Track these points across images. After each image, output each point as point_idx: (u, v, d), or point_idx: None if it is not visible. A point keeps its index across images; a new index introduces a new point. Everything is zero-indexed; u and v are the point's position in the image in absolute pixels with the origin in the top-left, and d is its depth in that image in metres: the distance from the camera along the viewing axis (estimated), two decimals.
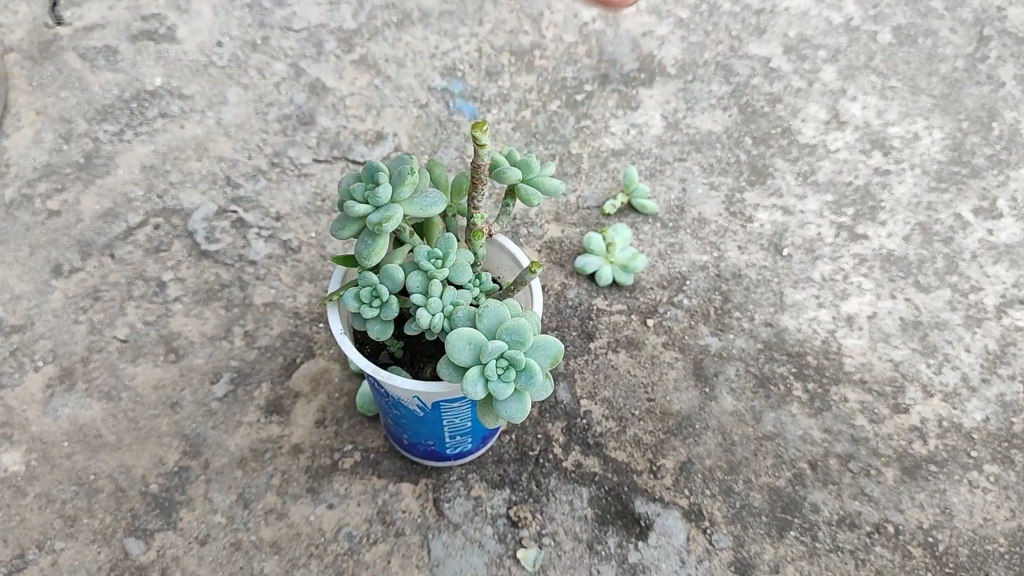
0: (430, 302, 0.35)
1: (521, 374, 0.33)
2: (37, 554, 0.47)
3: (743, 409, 0.51)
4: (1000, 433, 0.51)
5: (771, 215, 0.57)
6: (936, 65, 0.63)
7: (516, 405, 0.33)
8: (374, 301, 0.36)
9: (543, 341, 0.33)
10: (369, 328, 0.37)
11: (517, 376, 0.33)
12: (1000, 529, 0.48)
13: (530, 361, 0.33)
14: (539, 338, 0.33)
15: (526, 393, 0.33)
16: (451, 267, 0.36)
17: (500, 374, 0.33)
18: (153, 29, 0.63)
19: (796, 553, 0.47)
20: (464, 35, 0.63)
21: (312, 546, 0.47)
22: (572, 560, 0.47)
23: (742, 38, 0.63)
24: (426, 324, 0.35)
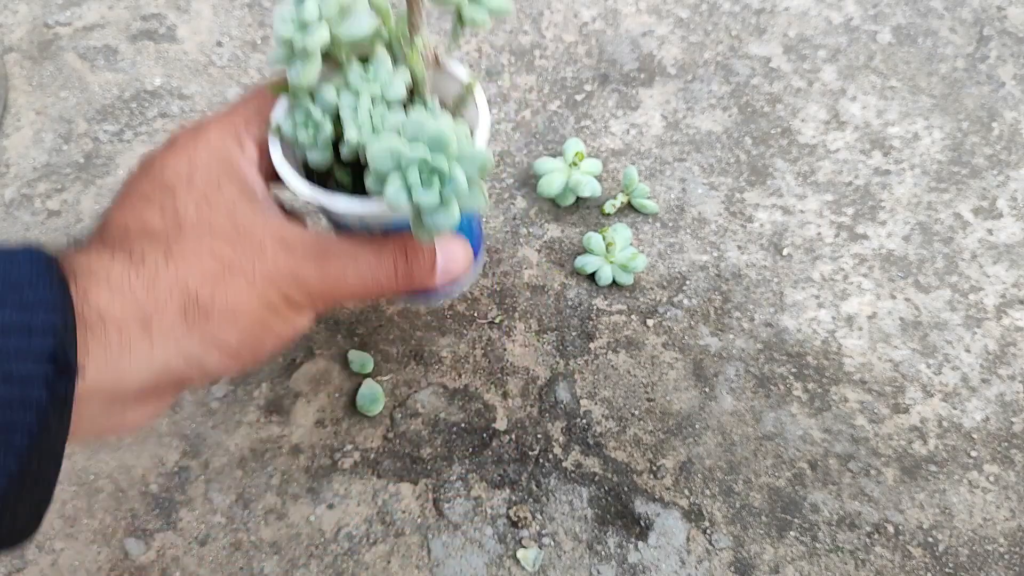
0: (358, 115, 0.34)
1: (445, 181, 0.31)
2: (37, 554, 0.47)
3: (743, 409, 0.51)
4: (1000, 433, 0.51)
5: (771, 215, 0.57)
6: (936, 65, 0.63)
7: (443, 215, 0.32)
8: (308, 124, 0.35)
9: (470, 150, 0.32)
10: (309, 156, 0.36)
11: (442, 184, 0.32)
12: (1000, 529, 0.48)
13: (453, 166, 0.31)
14: (466, 147, 0.32)
15: (453, 202, 0.32)
16: (382, 83, 0.35)
17: (426, 182, 0.32)
18: (153, 29, 0.63)
19: (796, 553, 0.47)
20: (464, 35, 0.63)
21: (312, 546, 0.47)
22: (572, 560, 0.47)
23: (742, 38, 0.63)
24: (354, 139, 0.34)
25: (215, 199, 0.33)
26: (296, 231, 0.34)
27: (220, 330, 0.31)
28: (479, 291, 0.54)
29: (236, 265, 0.32)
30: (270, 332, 0.33)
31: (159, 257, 0.31)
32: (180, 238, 0.32)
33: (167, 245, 0.31)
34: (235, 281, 0.32)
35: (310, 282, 0.33)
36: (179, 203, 0.33)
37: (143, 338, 0.30)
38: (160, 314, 0.30)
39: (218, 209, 0.33)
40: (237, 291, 0.32)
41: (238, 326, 0.32)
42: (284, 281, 0.33)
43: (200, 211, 0.33)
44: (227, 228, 0.33)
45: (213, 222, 0.33)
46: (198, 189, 0.33)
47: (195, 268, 0.31)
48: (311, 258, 0.34)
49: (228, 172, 0.34)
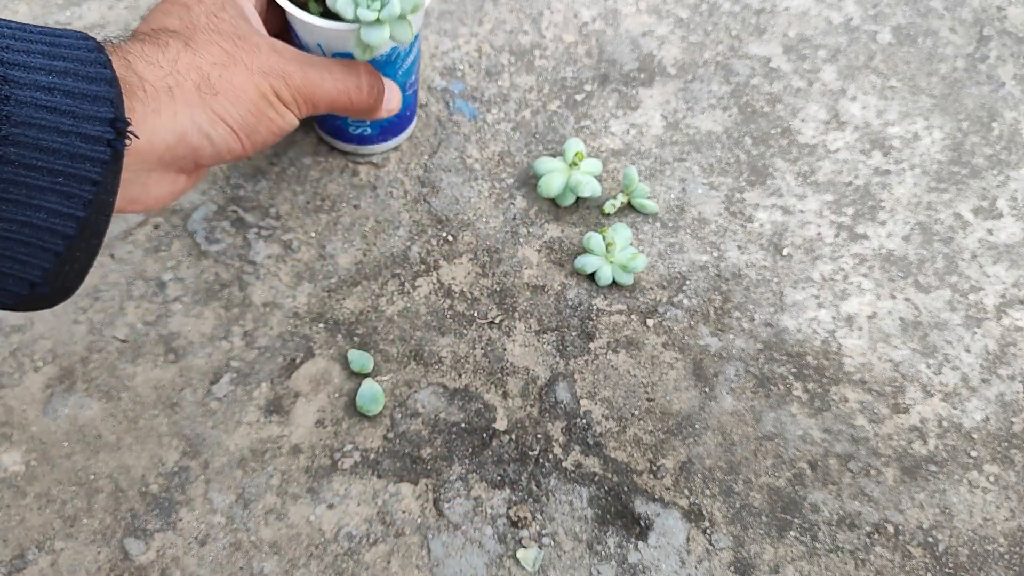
0: None
1: (384, 6, 0.41)
2: (37, 554, 0.47)
3: (743, 409, 0.51)
4: (1000, 433, 0.51)
5: (771, 215, 0.57)
6: (936, 65, 0.63)
7: (375, 32, 0.42)
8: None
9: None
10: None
11: (381, 7, 0.41)
12: (1000, 529, 0.48)
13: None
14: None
15: (386, 24, 0.42)
16: None
17: (368, 3, 0.42)
18: None
19: (796, 553, 0.47)
20: (464, 35, 0.63)
21: (312, 546, 0.47)
22: (572, 560, 0.47)
23: (742, 38, 0.63)
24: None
25: (221, 14, 0.42)
26: (284, 43, 0.43)
27: (225, 106, 0.39)
28: (479, 291, 0.54)
29: (238, 57, 0.40)
30: (264, 117, 0.41)
31: (180, 45, 0.39)
32: (194, 35, 0.40)
33: (186, 38, 0.39)
34: (237, 68, 0.40)
35: (295, 79, 0.42)
36: (192, 14, 0.41)
37: (169, 103, 0.37)
38: (181, 86, 0.37)
39: (224, 20, 0.42)
40: (239, 75, 0.40)
41: (239, 104, 0.40)
42: (274, 75, 0.41)
43: (210, 19, 0.41)
44: (231, 32, 0.41)
45: (220, 27, 0.41)
46: (207, 6, 0.42)
47: (206, 55, 0.39)
48: (296, 62, 0.42)
49: (230, 1, 0.43)
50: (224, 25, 0.42)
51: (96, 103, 0.32)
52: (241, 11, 0.44)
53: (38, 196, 0.31)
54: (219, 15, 0.42)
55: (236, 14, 0.43)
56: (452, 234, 0.56)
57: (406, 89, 0.52)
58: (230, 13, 0.43)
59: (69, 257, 0.33)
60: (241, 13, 0.43)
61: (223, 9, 0.43)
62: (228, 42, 0.40)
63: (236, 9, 0.43)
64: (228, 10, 0.43)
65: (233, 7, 0.43)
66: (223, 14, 0.42)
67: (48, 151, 0.30)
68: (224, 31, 0.41)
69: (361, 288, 0.54)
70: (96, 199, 0.32)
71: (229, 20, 0.42)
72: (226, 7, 0.43)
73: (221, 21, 0.42)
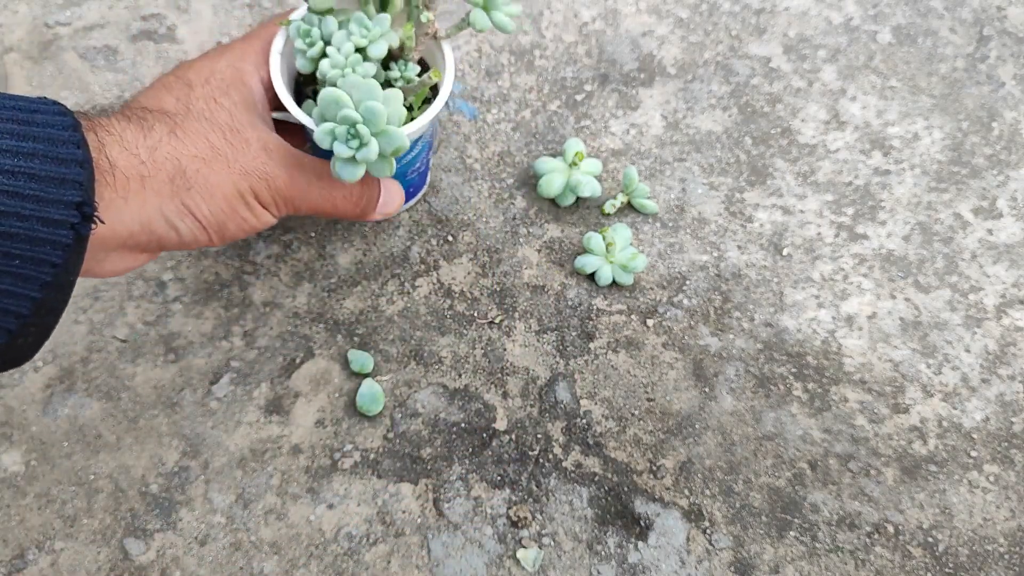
0: (336, 56, 0.41)
1: (363, 146, 0.39)
2: (37, 554, 0.47)
3: (743, 409, 0.51)
4: (1000, 433, 0.51)
5: (771, 215, 0.57)
6: (936, 65, 0.63)
7: (348, 168, 0.39)
8: (307, 37, 0.42)
9: (393, 132, 0.38)
10: (298, 60, 0.43)
11: (359, 147, 0.39)
12: (1000, 529, 0.48)
13: (372, 140, 0.38)
14: (391, 128, 0.38)
15: (362, 164, 0.39)
16: (370, 38, 0.42)
17: (347, 139, 0.39)
18: (153, 29, 0.63)
19: (796, 553, 0.47)
20: (464, 35, 0.63)
21: (312, 546, 0.47)
22: (572, 560, 0.47)
23: (742, 38, 0.63)
24: (325, 71, 0.41)
25: (222, 100, 0.41)
26: (279, 142, 0.42)
27: (196, 200, 0.38)
28: (479, 291, 0.54)
29: (222, 152, 0.39)
30: (236, 216, 0.40)
31: (165, 131, 0.38)
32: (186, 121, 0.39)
33: (174, 124, 0.38)
34: (218, 164, 0.39)
35: (278, 182, 0.41)
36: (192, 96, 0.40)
37: (139, 191, 0.36)
38: (154, 176, 0.36)
39: (222, 108, 0.41)
40: (218, 172, 0.39)
41: (212, 201, 0.39)
42: (257, 175, 0.40)
43: (208, 105, 0.40)
44: (225, 123, 0.40)
45: (215, 116, 0.40)
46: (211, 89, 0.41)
47: (190, 147, 0.38)
48: (285, 165, 0.41)
49: (238, 83, 0.42)
50: (220, 114, 0.40)
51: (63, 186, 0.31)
52: (247, 97, 0.42)
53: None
54: (219, 100, 0.41)
55: (239, 100, 0.41)
56: (452, 234, 0.56)
57: (408, 174, 0.51)
58: (232, 99, 0.41)
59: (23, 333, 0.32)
60: (246, 99, 0.42)
61: (226, 94, 0.41)
62: (217, 134, 0.39)
63: (240, 94, 0.42)
64: (232, 95, 0.41)
65: (239, 91, 0.42)
66: (224, 99, 0.41)
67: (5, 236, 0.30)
68: (218, 121, 0.40)
69: (361, 288, 0.54)
70: (55, 280, 0.31)
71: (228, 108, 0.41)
72: (230, 92, 0.41)
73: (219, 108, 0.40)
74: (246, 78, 0.43)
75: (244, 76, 0.43)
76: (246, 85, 0.42)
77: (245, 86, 0.42)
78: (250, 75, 0.43)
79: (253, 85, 0.43)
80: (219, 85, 0.41)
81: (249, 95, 0.42)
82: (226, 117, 0.40)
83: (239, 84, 0.42)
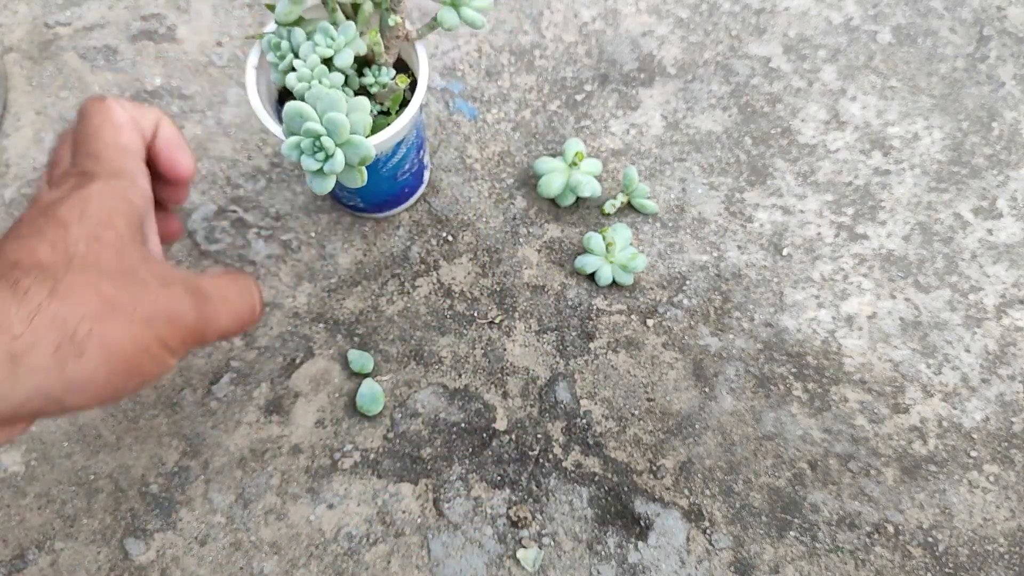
0: (302, 69, 0.41)
1: (328, 158, 0.38)
2: (37, 554, 0.47)
3: (743, 409, 0.51)
4: (1000, 433, 0.51)
5: (771, 215, 0.57)
6: (936, 65, 0.63)
7: (318, 181, 0.39)
8: (278, 51, 0.42)
9: (359, 142, 0.38)
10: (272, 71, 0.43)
11: (325, 159, 0.38)
12: (1000, 529, 0.48)
13: (338, 151, 0.38)
14: (356, 138, 0.38)
15: (331, 175, 0.39)
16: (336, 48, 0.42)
17: (313, 152, 0.38)
18: (153, 29, 0.63)
19: (796, 553, 0.47)
20: (464, 35, 0.63)
21: (312, 546, 0.47)
22: (572, 560, 0.47)
23: (742, 38, 0.63)
24: (292, 84, 0.41)
25: (106, 235, 0.33)
26: (172, 270, 0.36)
27: (89, 370, 0.31)
28: (479, 291, 0.54)
29: (118, 304, 0.32)
30: (138, 373, 0.33)
31: (44, 292, 0.30)
32: (68, 273, 0.32)
33: (55, 280, 0.31)
34: (114, 320, 0.32)
35: (187, 320, 0.34)
36: (70, 238, 0.33)
37: (9, 375, 0.29)
38: (32, 351, 0.30)
39: (107, 246, 0.33)
40: (115, 330, 0.32)
41: (109, 366, 0.32)
42: (162, 320, 0.33)
43: (90, 247, 0.33)
44: (114, 266, 0.33)
45: (101, 258, 0.33)
46: (90, 225, 0.33)
47: (78, 306, 0.31)
48: (189, 297, 0.35)
49: (119, 206, 0.35)
50: (106, 255, 0.33)
51: None
52: (131, 219, 0.35)
53: None
54: (103, 235, 0.33)
55: (125, 229, 0.34)
56: (452, 234, 0.56)
57: (399, 176, 0.51)
58: (117, 230, 0.34)
59: None
60: (131, 223, 0.35)
61: (109, 226, 0.34)
62: (108, 282, 0.32)
63: (125, 219, 0.35)
64: (116, 224, 0.34)
65: (122, 216, 0.34)
66: (108, 234, 0.33)
67: None
68: (106, 266, 0.33)
69: (361, 288, 0.54)
70: None
71: (114, 244, 0.33)
72: (113, 221, 0.34)
73: (103, 247, 0.33)
74: (126, 193, 0.35)
75: (123, 191, 0.35)
76: (127, 201, 0.35)
77: (126, 203, 0.35)
78: (127, 186, 0.36)
79: (134, 198, 0.36)
80: (98, 216, 0.34)
81: (134, 215, 0.35)
82: (114, 258, 0.33)
83: (120, 206, 0.35)
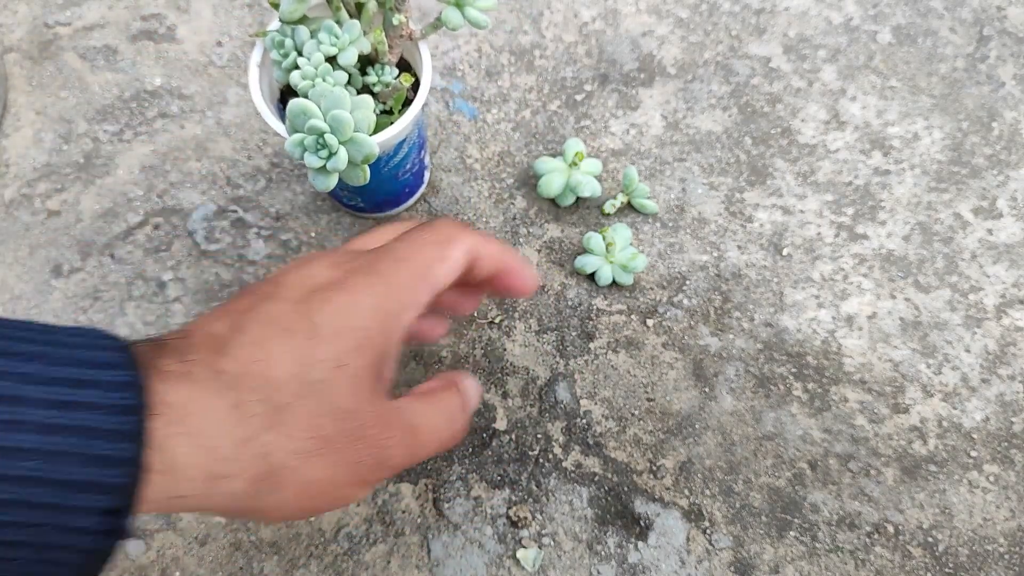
0: (306, 67, 0.41)
1: (332, 156, 0.38)
2: None
3: (743, 409, 0.51)
4: (1000, 433, 0.51)
5: (771, 215, 0.57)
6: (936, 65, 0.63)
7: (321, 178, 0.39)
8: (281, 48, 0.42)
9: (362, 140, 0.38)
10: (275, 69, 0.43)
11: (328, 156, 0.38)
12: (1000, 529, 0.48)
13: (341, 148, 0.38)
14: (359, 136, 0.38)
15: (334, 173, 0.39)
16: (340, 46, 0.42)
17: (316, 149, 0.38)
18: (153, 29, 0.63)
19: (796, 553, 0.47)
20: (464, 35, 0.63)
21: (312, 546, 0.47)
22: (572, 560, 0.47)
23: (742, 38, 0.63)
24: (296, 82, 0.41)
25: (349, 362, 0.30)
26: (396, 413, 0.32)
27: (280, 501, 0.29)
28: None
29: (331, 446, 0.29)
30: (328, 506, 0.31)
31: (265, 420, 0.28)
32: (299, 400, 0.29)
33: (280, 408, 0.28)
34: (322, 461, 0.29)
35: (392, 463, 0.31)
36: (315, 355, 0.29)
37: (203, 493, 0.27)
38: (233, 478, 0.27)
39: (344, 377, 0.30)
40: (318, 471, 0.29)
41: (301, 500, 0.30)
42: (367, 468, 0.30)
43: (329, 375, 0.29)
44: (343, 403, 0.29)
45: (333, 392, 0.29)
46: (340, 347, 0.29)
47: (291, 440, 0.28)
48: (402, 445, 0.31)
49: (376, 337, 0.30)
50: (342, 388, 0.29)
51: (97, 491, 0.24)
52: (382, 351, 0.30)
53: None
54: (346, 364, 0.29)
55: (371, 360, 0.30)
56: None
57: (400, 175, 0.51)
58: (365, 360, 0.30)
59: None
60: (379, 356, 0.30)
61: (359, 353, 0.29)
62: (330, 421, 0.29)
63: (376, 352, 0.30)
64: (366, 353, 0.30)
65: (375, 348, 0.30)
66: (353, 362, 0.29)
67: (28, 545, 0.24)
68: (336, 400, 0.29)
69: None
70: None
71: (352, 376, 0.29)
72: (365, 347, 0.30)
73: (341, 379, 0.29)
74: (396, 320, 0.31)
75: (388, 323, 0.31)
76: (387, 332, 0.31)
77: (385, 334, 0.31)
78: (393, 323, 0.31)
79: (397, 330, 0.31)
80: (353, 341, 0.30)
81: (387, 345, 0.31)
82: (348, 394, 0.29)
83: (378, 337, 0.30)
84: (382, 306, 0.31)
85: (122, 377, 0.25)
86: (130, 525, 0.25)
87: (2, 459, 0.23)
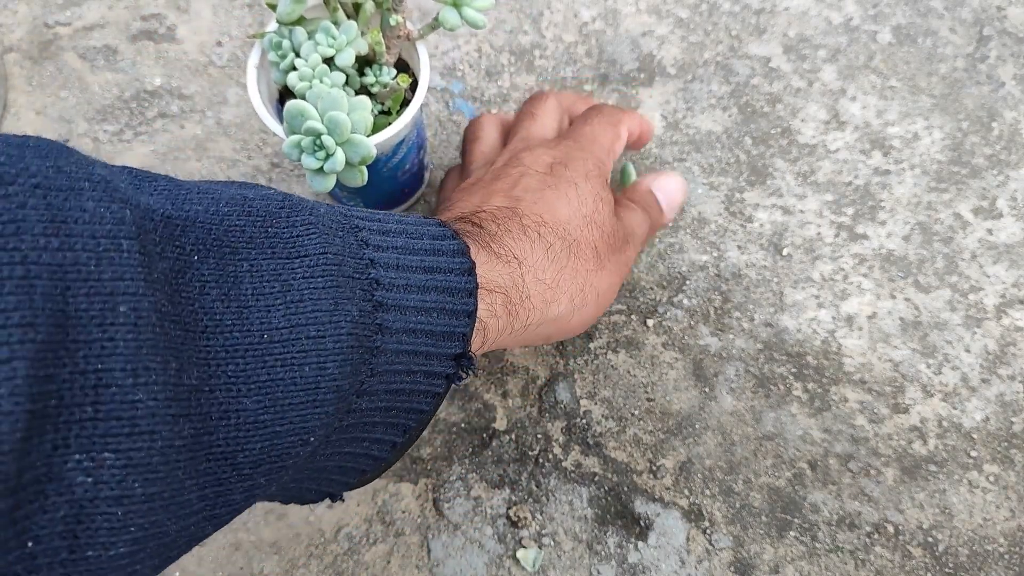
0: (303, 68, 0.41)
1: (329, 157, 0.38)
2: None
3: (743, 409, 0.51)
4: (1000, 433, 0.51)
5: (771, 215, 0.57)
6: (936, 65, 0.63)
7: (319, 179, 0.39)
8: (279, 50, 0.42)
9: (359, 141, 0.38)
10: (273, 70, 0.43)
11: (325, 157, 0.38)
12: (1000, 529, 0.48)
13: (338, 150, 0.38)
14: (357, 137, 0.38)
15: (331, 174, 0.39)
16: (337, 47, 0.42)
17: (313, 151, 0.38)
18: (153, 29, 0.63)
19: (796, 553, 0.47)
20: (463, 35, 0.63)
21: (312, 546, 0.47)
22: (572, 560, 0.47)
23: (742, 38, 0.63)
24: (293, 84, 0.41)
25: (606, 198, 0.43)
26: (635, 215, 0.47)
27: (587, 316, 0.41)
28: None
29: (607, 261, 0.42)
30: (607, 306, 0.43)
31: (567, 253, 0.39)
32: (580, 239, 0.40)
33: (574, 243, 0.39)
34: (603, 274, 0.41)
35: (631, 254, 0.45)
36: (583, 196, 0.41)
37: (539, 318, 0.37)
38: (559, 302, 0.38)
39: (606, 205, 0.42)
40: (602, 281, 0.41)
41: (597, 308, 0.41)
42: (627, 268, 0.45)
43: (596, 207, 0.41)
44: (606, 227, 0.42)
45: (601, 218, 0.42)
46: (595, 186, 0.42)
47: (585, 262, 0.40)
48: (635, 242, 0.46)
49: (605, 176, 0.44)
50: (605, 214, 0.42)
51: (450, 340, 0.31)
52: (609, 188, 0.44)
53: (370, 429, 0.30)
54: (605, 197, 0.42)
55: (611, 192, 0.44)
56: None
57: (399, 176, 0.51)
58: (608, 193, 0.43)
59: (375, 473, 0.33)
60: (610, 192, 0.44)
61: (607, 186, 0.43)
62: (603, 242, 0.41)
63: (608, 191, 0.44)
64: (607, 188, 0.43)
65: (606, 185, 0.44)
66: (607, 195, 0.43)
67: (395, 392, 0.29)
68: (602, 226, 0.41)
69: None
70: (420, 424, 0.32)
71: (608, 203, 0.42)
72: (606, 186, 0.43)
73: (604, 207, 0.42)
74: (606, 171, 0.45)
75: (605, 171, 0.44)
76: (605, 177, 0.44)
77: (604, 178, 0.44)
78: (606, 171, 0.45)
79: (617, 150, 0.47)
80: (600, 179, 0.43)
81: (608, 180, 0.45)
82: (607, 218, 0.42)
83: (605, 176, 0.44)
84: (596, 164, 0.43)
85: (458, 246, 0.32)
86: (466, 367, 0.32)
87: (399, 315, 0.28)
